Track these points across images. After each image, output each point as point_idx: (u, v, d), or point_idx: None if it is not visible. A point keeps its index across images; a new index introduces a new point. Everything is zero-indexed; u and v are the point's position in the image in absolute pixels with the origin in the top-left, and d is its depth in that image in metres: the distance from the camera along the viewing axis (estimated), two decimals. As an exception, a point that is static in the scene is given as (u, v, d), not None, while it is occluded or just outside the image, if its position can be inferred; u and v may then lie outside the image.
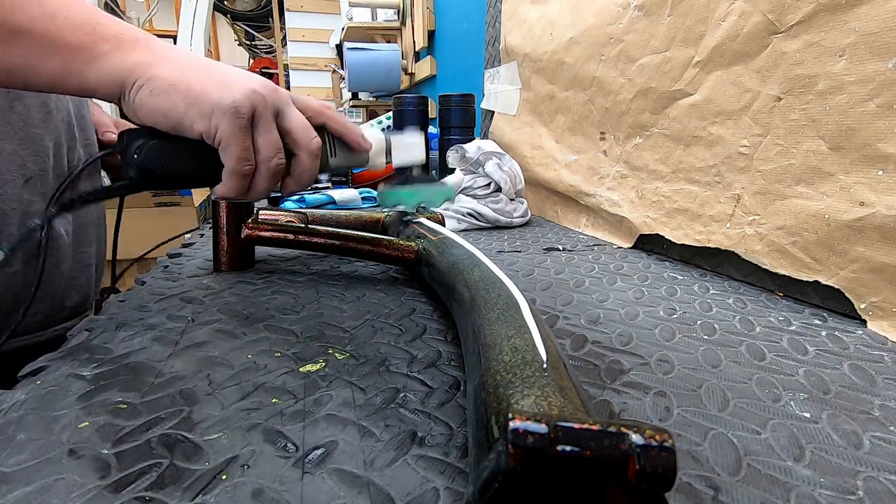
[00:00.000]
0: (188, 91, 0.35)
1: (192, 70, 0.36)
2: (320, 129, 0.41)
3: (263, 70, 4.96)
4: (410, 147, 0.50)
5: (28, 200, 0.48)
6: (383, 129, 0.52)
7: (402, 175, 0.54)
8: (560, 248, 0.69)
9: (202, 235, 0.72)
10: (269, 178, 0.38)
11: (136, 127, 0.37)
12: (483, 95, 1.17)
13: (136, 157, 0.36)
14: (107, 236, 0.65)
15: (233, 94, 0.35)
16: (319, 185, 1.14)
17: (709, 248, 0.56)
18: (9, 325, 0.39)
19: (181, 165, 0.37)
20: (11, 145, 0.47)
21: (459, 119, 1.07)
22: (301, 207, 0.90)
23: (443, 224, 0.70)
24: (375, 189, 1.15)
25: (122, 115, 0.43)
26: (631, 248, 0.69)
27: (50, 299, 0.52)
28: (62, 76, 0.34)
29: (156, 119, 0.35)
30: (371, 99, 2.68)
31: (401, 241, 0.51)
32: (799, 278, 0.46)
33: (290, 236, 0.52)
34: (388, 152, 0.48)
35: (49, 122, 0.51)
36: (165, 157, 0.36)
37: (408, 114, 1.11)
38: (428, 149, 0.56)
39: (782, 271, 0.48)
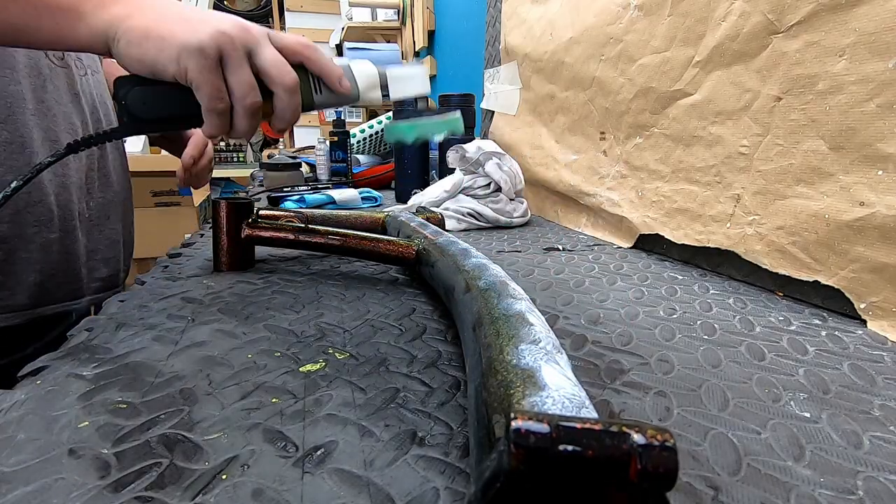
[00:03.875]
0: (159, 37, 0.36)
1: (165, 16, 0.37)
2: (301, 67, 0.42)
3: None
4: (411, 78, 0.48)
5: (62, 173, 0.58)
6: (377, 64, 0.48)
7: (407, 109, 0.53)
8: (560, 248, 0.69)
9: (202, 235, 0.72)
10: (248, 117, 0.39)
11: (127, 75, 0.39)
12: (483, 95, 1.17)
13: (123, 103, 0.39)
14: (133, 216, 0.75)
15: (198, 36, 0.36)
16: (320, 185, 1.14)
17: (709, 248, 0.56)
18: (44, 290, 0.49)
19: (163, 109, 0.40)
20: (45, 122, 0.56)
21: (459, 119, 1.07)
22: (301, 207, 0.90)
23: (443, 224, 0.70)
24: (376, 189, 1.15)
25: None
26: (631, 248, 0.69)
27: (73, 272, 0.60)
28: (58, 34, 0.38)
29: (136, 67, 0.37)
30: (371, 99, 2.67)
31: (401, 241, 0.51)
32: (799, 278, 0.46)
33: (290, 236, 0.52)
34: (385, 86, 0.47)
35: (76, 104, 0.60)
36: (148, 102, 0.39)
37: (408, 114, 1.10)
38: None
39: (782, 271, 0.48)
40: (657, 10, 0.61)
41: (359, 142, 1.52)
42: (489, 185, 0.85)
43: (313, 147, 1.54)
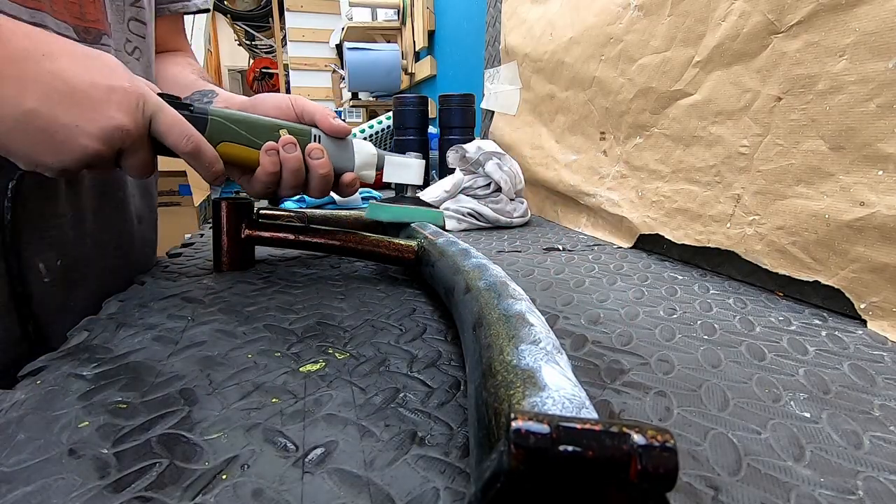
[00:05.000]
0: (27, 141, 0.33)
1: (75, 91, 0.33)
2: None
3: (264, 70, 4.96)
4: (405, 168, 0.54)
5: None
6: (382, 148, 0.55)
7: (397, 192, 0.58)
8: (560, 248, 0.69)
9: (202, 235, 0.72)
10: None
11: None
12: (483, 95, 1.17)
13: None
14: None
15: (63, 162, 0.34)
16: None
17: (709, 248, 0.56)
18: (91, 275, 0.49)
19: None
20: None
21: (459, 119, 1.07)
22: (301, 207, 0.90)
23: (443, 224, 0.70)
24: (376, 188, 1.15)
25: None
26: (631, 248, 0.69)
27: (124, 253, 0.58)
28: None
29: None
30: (371, 99, 2.68)
31: (401, 241, 0.51)
32: (799, 278, 0.46)
33: (290, 236, 0.52)
34: (380, 168, 0.52)
35: None
36: None
37: (408, 114, 1.11)
38: (429, 173, 0.58)
39: (782, 271, 0.48)
40: (657, 10, 0.61)
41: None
42: (489, 185, 0.85)
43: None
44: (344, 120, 1.36)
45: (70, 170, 0.35)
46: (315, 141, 0.48)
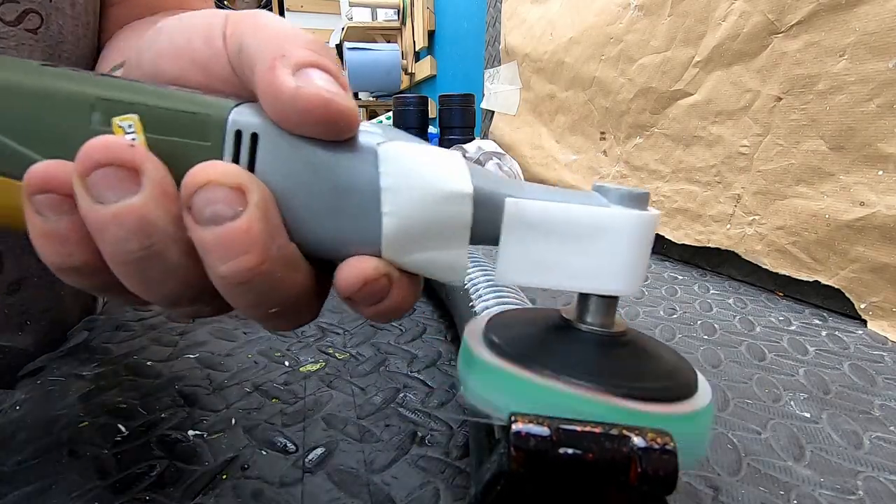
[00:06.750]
0: None
1: None
2: None
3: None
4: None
5: None
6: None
7: None
8: (560, 247, 0.69)
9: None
10: None
11: None
12: (483, 95, 1.17)
13: None
14: None
15: None
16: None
17: (709, 247, 0.56)
18: None
19: None
20: None
21: (459, 119, 1.07)
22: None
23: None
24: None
25: None
26: (631, 247, 0.69)
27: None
28: None
29: None
30: (371, 99, 2.68)
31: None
32: (799, 278, 0.46)
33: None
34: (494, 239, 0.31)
35: None
36: None
37: (408, 114, 1.11)
38: None
39: (782, 271, 0.48)
40: (657, 10, 0.61)
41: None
42: (489, 184, 0.85)
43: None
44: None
45: None
46: (236, 149, 0.15)
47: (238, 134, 0.14)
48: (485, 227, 0.15)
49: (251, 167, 0.14)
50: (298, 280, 0.16)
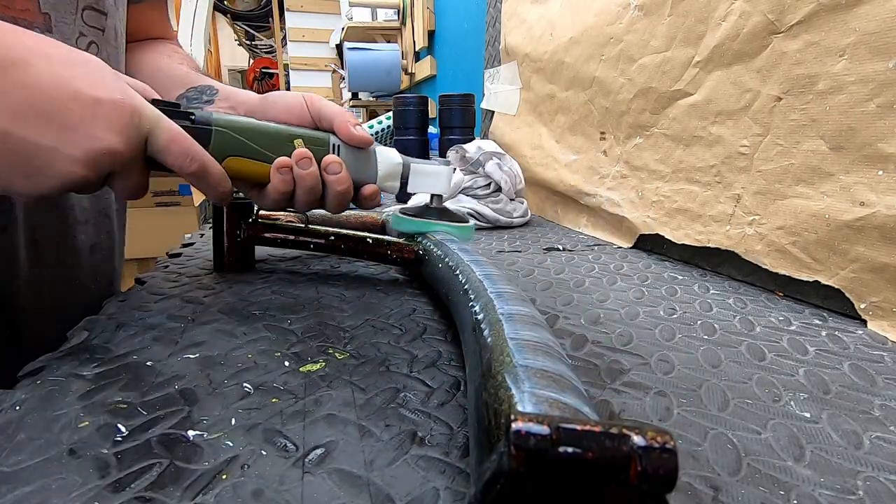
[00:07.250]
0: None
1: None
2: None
3: (264, 70, 4.96)
4: (434, 176, 0.47)
5: None
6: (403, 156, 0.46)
7: (420, 204, 0.51)
8: (560, 248, 0.69)
9: (202, 235, 0.72)
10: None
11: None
12: (483, 95, 1.17)
13: None
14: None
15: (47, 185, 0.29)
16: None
17: (709, 248, 0.56)
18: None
19: None
20: None
21: (459, 119, 1.07)
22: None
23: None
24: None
25: None
26: (631, 248, 0.69)
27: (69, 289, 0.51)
28: None
29: None
30: (371, 99, 2.68)
31: (401, 241, 0.51)
32: (799, 278, 0.46)
33: (290, 236, 0.52)
34: (405, 178, 0.45)
35: None
36: None
37: (408, 114, 1.11)
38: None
39: (782, 271, 0.48)
40: (657, 10, 0.61)
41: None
42: (489, 185, 0.85)
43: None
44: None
45: (49, 196, 0.31)
46: (333, 152, 0.42)
47: (335, 146, 0.42)
48: (405, 172, 0.46)
49: (339, 156, 0.42)
50: (351, 192, 0.42)
